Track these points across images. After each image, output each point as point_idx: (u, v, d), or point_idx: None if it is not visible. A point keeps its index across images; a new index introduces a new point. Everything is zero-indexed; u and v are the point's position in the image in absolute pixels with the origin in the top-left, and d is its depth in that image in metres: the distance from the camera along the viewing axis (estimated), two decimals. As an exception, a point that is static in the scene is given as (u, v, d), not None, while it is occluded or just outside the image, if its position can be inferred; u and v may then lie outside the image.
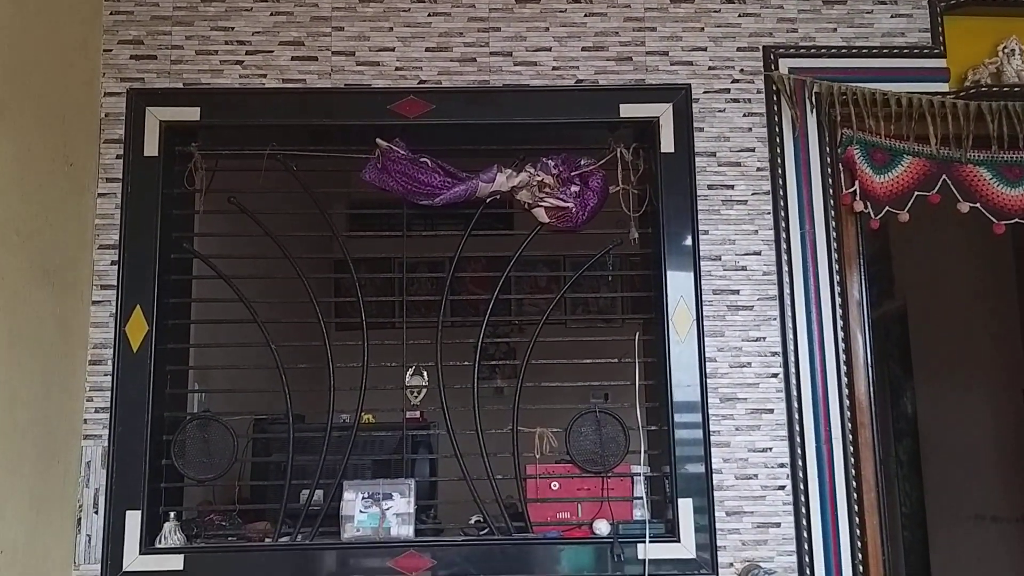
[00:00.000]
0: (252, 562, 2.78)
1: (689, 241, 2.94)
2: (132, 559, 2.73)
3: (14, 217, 2.44)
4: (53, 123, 2.68)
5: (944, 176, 2.99)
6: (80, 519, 2.76)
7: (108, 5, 3.01)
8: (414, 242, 3.21)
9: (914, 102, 2.99)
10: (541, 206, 3.01)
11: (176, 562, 2.74)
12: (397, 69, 3.02)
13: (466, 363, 3.02)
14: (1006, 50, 3.05)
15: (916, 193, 2.98)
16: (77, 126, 2.83)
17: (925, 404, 5.25)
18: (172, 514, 2.82)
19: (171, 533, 2.79)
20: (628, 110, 3.00)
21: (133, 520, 2.75)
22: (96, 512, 2.76)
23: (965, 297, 4.75)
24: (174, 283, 2.99)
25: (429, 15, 3.05)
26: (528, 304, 4.56)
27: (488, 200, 3.03)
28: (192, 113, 2.97)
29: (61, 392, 2.69)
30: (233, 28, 3.02)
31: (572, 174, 3.00)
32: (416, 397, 3.03)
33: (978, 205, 2.98)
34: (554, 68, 3.03)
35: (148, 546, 2.75)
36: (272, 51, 3.02)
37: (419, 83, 3.01)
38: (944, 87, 3.06)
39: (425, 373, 3.03)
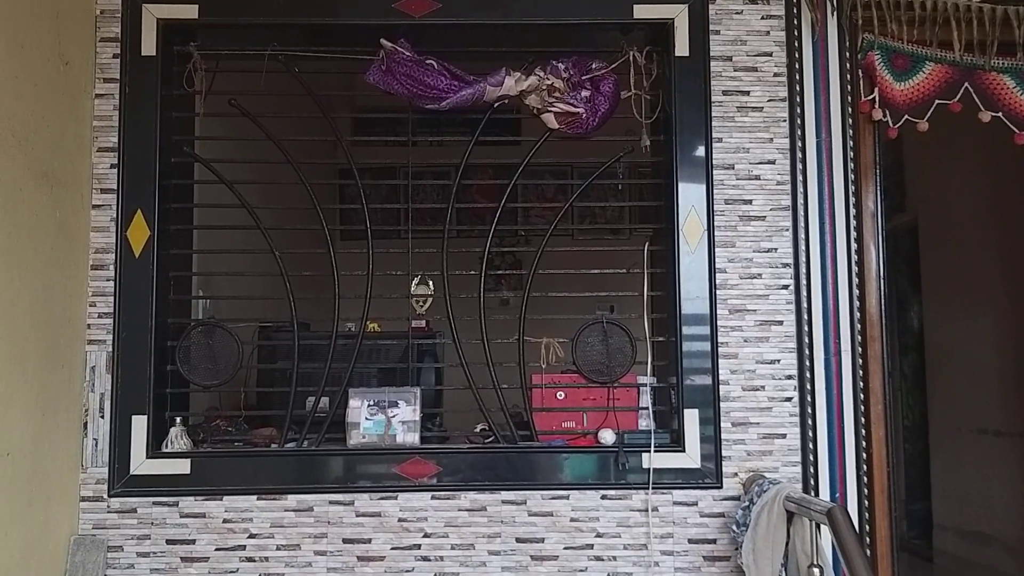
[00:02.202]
0: (258, 467, 2.79)
1: (702, 149, 2.87)
2: (139, 463, 2.75)
3: (9, 117, 2.37)
4: (46, 20, 2.59)
5: (966, 84, 2.91)
6: (86, 423, 2.76)
7: None
8: (420, 150, 3.14)
9: (939, 6, 2.88)
10: (550, 111, 2.93)
11: (183, 466, 2.76)
12: (402, -36, 2.91)
13: (472, 272, 2.99)
14: (1037, -48, 2.93)
15: (937, 101, 2.90)
16: (71, 23, 2.74)
17: (932, 319, 5.23)
18: (178, 419, 2.83)
19: (177, 438, 2.80)
20: (642, 11, 2.89)
21: (139, 425, 2.76)
22: (102, 416, 2.77)
23: (977, 213, 4.68)
24: (175, 188, 2.94)
25: (436, -92, 2.92)
26: (535, 214, 4.50)
27: (496, 105, 2.95)
28: (190, 10, 2.87)
29: (63, 296, 2.67)
30: (231, -80, 2.90)
31: (583, 78, 2.91)
32: (422, 306, 3.01)
33: (1000, 114, 2.90)
34: (566, -35, 2.91)
35: (155, 450, 2.77)
36: (272, -55, 2.90)
37: (425, -21, 2.90)
38: (971, -10, 2.94)
39: (431, 282, 3.00)
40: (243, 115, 2.97)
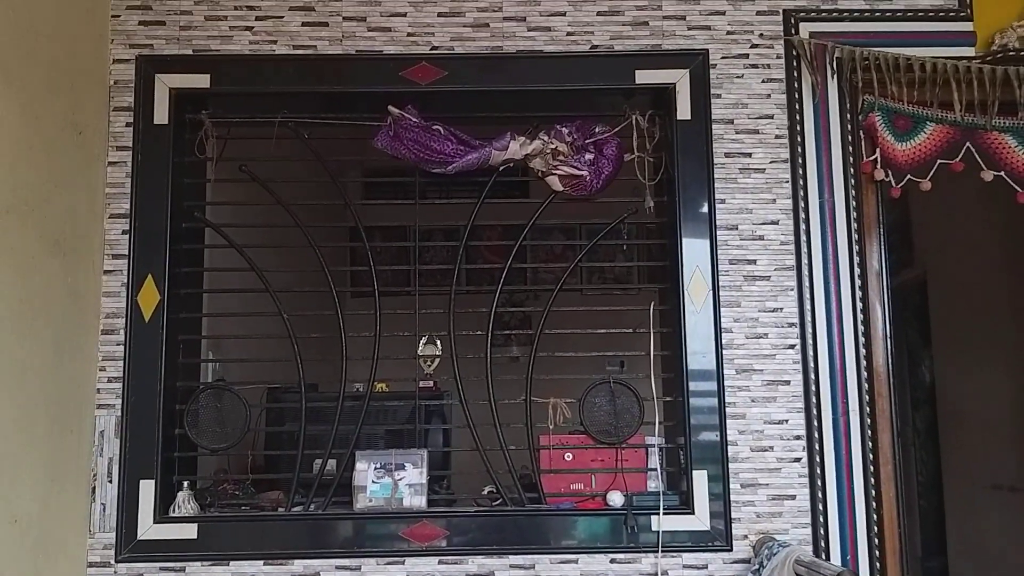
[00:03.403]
0: (265, 531, 2.79)
1: (705, 210, 2.90)
2: (146, 528, 2.75)
3: (23, 186, 2.42)
4: (62, 91, 2.65)
5: (968, 143, 2.93)
6: (95, 488, 2.77)
7: (116, -30, 2.98)
8: (430, 210, 3.18)
9: (938, 67, 2.91)
10: (555, 174, 2.97)
11: (190, 531, 2.76)
12: (409, 35, 2.97)
13: (479, 333, 3.00)
14: (1035, 13, 2.97)
15: (939, 161, 2.92)
16: (86, 94, 2.81)
17: (943, 373, 5.20)
18: (186, 483, 2.83)
19: (185, 502, 2.80)
20: (644, 76, 2.94)
21: (147, 489, 2.76)
22: (110, 481, 2.77)
23: (986, 266, 4.68)
24: (186, 252, 2.97)
25: (441, -21, 2.99)
26: (544, 272, 4.53)
27: (502, 168, 2.99)
28: (202, 80, 2.94)
29: (73, 362, 2.69)
30: (242, -7, 2.98)
31: (586, 142, 2.95)
32: (429, 366, 3.02)
33: (1002, 173, 2.92)
34: (568, 34, 2.97)
35: (162, 515, 2.77)
36: (282, 17, 2.97)
37: (431, 49, 2.96)
38: (970, 51, 2.98)
39: (439, 342, 3.01)
40: (253, 180, 3.01)
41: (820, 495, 2.79)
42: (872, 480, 2.81)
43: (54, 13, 2.61)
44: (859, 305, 2.88)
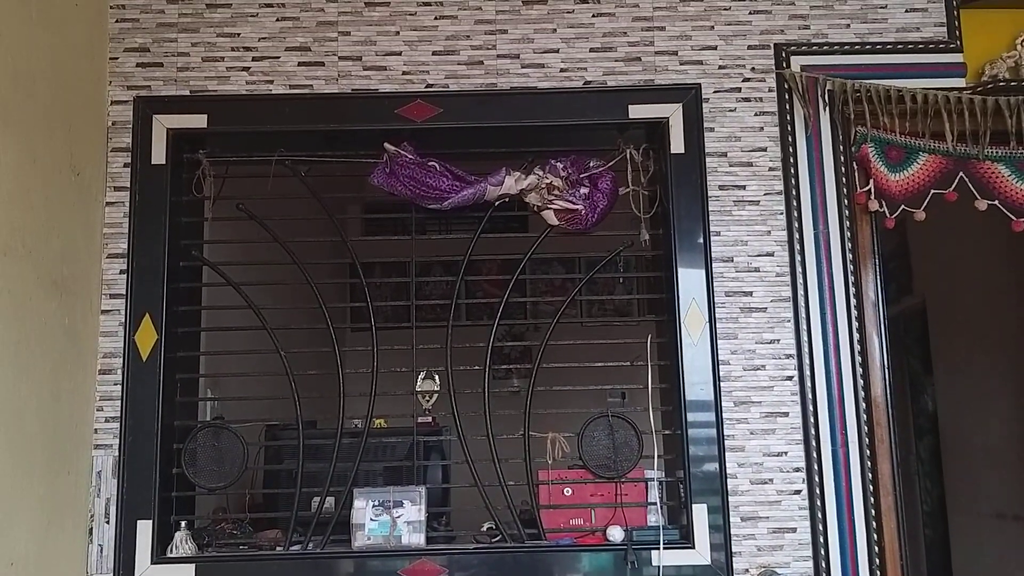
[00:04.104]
0: (263, 571, 2.77)
1: (700, 242, 2.91)
2: (144, 569, 2.73)
3: (21, 228, 2.43)
4: (59, 132, 2.67)
5: (961, 173, 2.94)
6: (91, 529, 2.76)
7: (114, 13, 3.01)
8: (429, 245, 3.19)
9: (930, 98, 2.93)
10: (550, 208, 2.98)
11: (187, 571, 2.74)
12: (404, 73, 3.00)
13: (476, 367, 3.00)
14: (1024, 43, 3.00)
15: (932, 191, 2.93)
16: (84, 135, 2.83)
17: (945, 401, 5.18)
18: (183, 523, 2.82)
19: (182, 542, 2.78)
20: (637, 111, 2.96)
21: (144, 529, 2.75)
22: (107, 522, 2.76)
23: (985, 292, 4.68)
24: (184, 291, 2.98)
25: (435, 18, 3.02)
26: (544, 305, 4.52)
27: (497, 203, 3.00)
28: (199, 120, 2.96)
29: (71, 402, 2.69)
30: (239, 34, 3.01)
31: (581, 176, 2.97)
32: (428, 401, 3.01)
33: (996, 202, 2.93)
34: (562, 70, 3.00)
35: (160, 555, 2.75)
36: (279, 57, 3.00)
37: (426, 87, 2.99)
38: (961, 82, 3.01)
39: (437, 377, 3.01)
40: (251, 218, 3.03)
41: (821, 527, 2.77)
42: (873, 512, 2.79)
43: (52, 56, 2.64)
44: (856, 336, 2.88)
